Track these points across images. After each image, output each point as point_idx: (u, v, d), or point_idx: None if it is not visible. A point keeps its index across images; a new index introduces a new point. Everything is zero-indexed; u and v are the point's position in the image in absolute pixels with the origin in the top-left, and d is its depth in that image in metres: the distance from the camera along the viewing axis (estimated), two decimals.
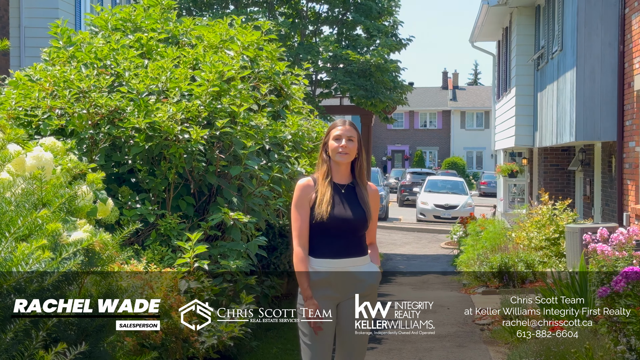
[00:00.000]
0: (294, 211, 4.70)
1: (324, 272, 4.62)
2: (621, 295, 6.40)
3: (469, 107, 62.60)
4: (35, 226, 2.88)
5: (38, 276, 2.77)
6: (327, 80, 18.95)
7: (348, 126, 4.79)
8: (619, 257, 7.50)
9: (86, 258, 3.12)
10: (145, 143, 7.07)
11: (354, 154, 4.75)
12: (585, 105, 13.15)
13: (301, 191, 4.72)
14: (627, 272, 6.34)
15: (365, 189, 4.80)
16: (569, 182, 17.93)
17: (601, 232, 8.00)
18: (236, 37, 8.47)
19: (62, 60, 7.86)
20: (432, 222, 28.44)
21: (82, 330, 3.05)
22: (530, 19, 18.23)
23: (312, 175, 4.86)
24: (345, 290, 4.65)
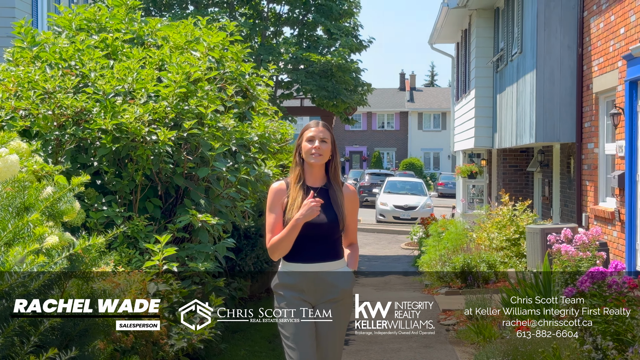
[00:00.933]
0: (268, 214, 4.66)
1: (296, 277, 4.58)
2: (587, 295, 6.49)
3: (426, 109, 63.01)
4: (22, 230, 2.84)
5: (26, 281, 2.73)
6: (288, 82, 18.95)
7: (321, 127, 4.75)
8: (583, 258, 7.60)
9: (69, 262, 3.09)
10: (112, 145, 7.00)
11: (327, 155, 4.71)
12: (545, 107, 13.31)
13: (274, 195, 4.69)
14: (592, 272, 6.43)
15: (341, 191, 4.74)
16: (527, 183, 18.13)
17: (565, 233, 8.10)
18: (202, 37, 8.43)
19: (26, 60, 7.75)
20: (392, 223, 28.57)
21: (65, 335, 3.02)
22: (489, 22, 18.41)
23: (285, 178, 4.82)
24: (317, 295, 4.61)
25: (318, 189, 4.70)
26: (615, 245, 10.90)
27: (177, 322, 6.33)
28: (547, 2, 13.28)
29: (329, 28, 18.69)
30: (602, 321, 6.33)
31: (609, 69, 11.56)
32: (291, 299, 4.60)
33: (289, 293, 4.60)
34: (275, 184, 4.75)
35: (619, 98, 10.94)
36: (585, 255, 7.64)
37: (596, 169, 12.25)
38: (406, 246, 21.71)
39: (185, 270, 6.86)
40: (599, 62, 12.07)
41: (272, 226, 4.61)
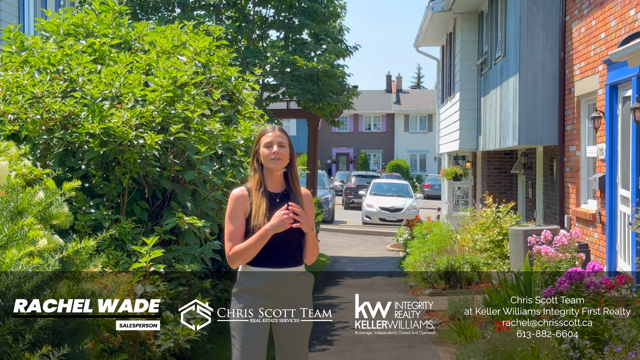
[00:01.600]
0: (228, 222, 4.58)
1: (261, 281, 4.56)
2: (565, 295, 6.64)
3: (412, 111, 63.25)
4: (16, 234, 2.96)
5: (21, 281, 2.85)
6: (274, 84, 19.07)
7: (278, 132, 4.72)
8: (562, 259, 7.75)
9: (60, 264, 3.21)
10: (99, 148, 7.11)
11: (286, 159, 4.68)
12: (527, 110, 13.49)
13: (235, 202, 4.62)
14: (570, 272, 6.58)
15: (300, 196, 4.71)
16: (511, 185, 18.32)
17: (545, 235, 8.26)
18: (188, 42, 8.55)
19: (15, 65, 7.85)
20: (378, 225, 28.73)
21: (57, 334, 3.14)
22: (473, 25, 18.59)
23: (245, 185, 4.74)
24: (281, 300, 4.59)
25: (279, 194, 4.69)
26: (597, 246, 11.08)
27: (164, 322, 6.44)
28: (530, 6, 13.46)
29: (315, 31, 18.81)
30: (580, 321, 6.48)
31: (590, 72, 11.75)
32: (251, 303, 4.56)
33: (250, 297, 4.56)
34: (236, 191, 4.66)
35: (600, 102, 11.12)
36: (565, 257, 7.80)
37: (578, 171, 12.43)
38: (392, 248, 21.87)
39: (172, 271, 6.98)
40: (581, 66, 12.26)
41: (232, 234, 4.54)
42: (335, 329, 8.91)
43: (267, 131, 4.74)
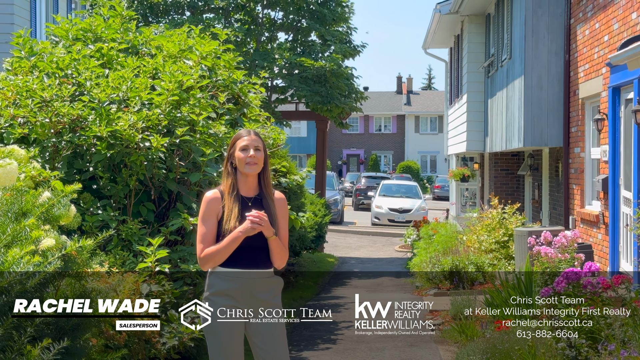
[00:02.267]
0: (200, 224, 4.60)
1: (231, 282, 4.58)
2: (562, 295, 6.76)
3: (423, 112, 63.32)
4: (20, 234, 3.11)
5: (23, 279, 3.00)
6: (283, 86, 19.22)
7: (254, 136, 4.72)
8: (562, 259, 7.87)
9: (62, 262, 3.36)
10: (107, 151, 7.28)
11: (262, 163, 4.69)
12: (532, 112, 13.60)
13: (208, 204, 4.63)
14: (567, 273, 6.71)
15: (272, 200, 4.73)
16: (518, 186, 18.42)
17: (545, 235, 8.38)
18: (194, 47, 8.70)
19: (25, 70, 8.03)
20: (387, 226, 28.86)
21: (59, 329, 3.29)
22: (480, 27, 18.70)
23: (218, 187, 4.75)
24: (250, 302, 4.62)
25: (252, 198, 4.71)
26: (600, 247, 11.18)
27: (169, 321, 6.60)
28: (535, 9, 13.57)
29: (323, 34, 18.96)
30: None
31: (594, 75, 11.85)
32: (222, 305, 4.59)
33: (221, 300, 4.60)
34: (209, 193, 4.69)
35: (603, 104, 11.22)
36: (564, 257, 7.92)
37: (582, 172, 12.53)
38: (400, 249, 21.99)
39: (178, 271, 7.14)
40: (585, 69, 12.36)
41: (205, 236, 4.57)
42: (339, 328, 9.06)
43: (242, 135, 4.74)
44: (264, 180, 4.76)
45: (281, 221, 4.76)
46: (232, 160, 4.74)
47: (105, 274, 6.55)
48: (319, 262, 18.21)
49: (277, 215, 4.72)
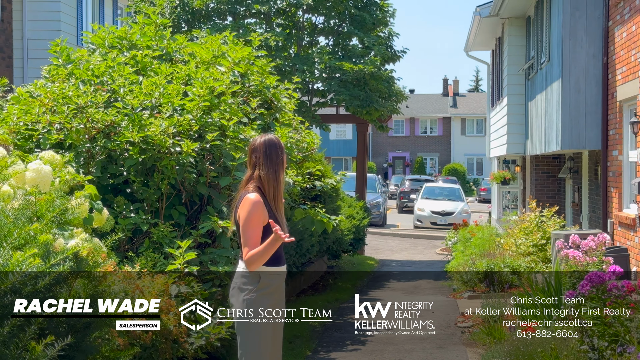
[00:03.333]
0: (257, 227, 4.73)
1: (277, 279, 4.88)
2: (586, 298, 6.79)
3: (469, 114, 63.02)
4: (29, 237, 3.29)
5: (32, 279, 3.19)
6: (323, 90, 19.36)
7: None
8: (590, 263, 7.89)
9: (74, 263, 3.53)
10: (139, 156, 7.48)
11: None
12: (570, 115, 13.56)
13: (261, 209, 4.79)
14: (591, 276, 6.73)
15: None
16: (559, 189, 18.32)
17: (573, 239, 8.39)
18: (227, 53, 8.88)
19: (61, 77, 8.28)
20: (429, 229, 28.84)
21: (71, 327, 3.46)
22: (521, 30, 18.64)
23: (254, 191, 4.88)
24: (281, 298, 4.94)
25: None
26: (637, 250, 11.12)
27: (197, 322, 6.77)
28: (573, 11, 13.53)
29: (363, 39, 19.06)
30: (601, 323, 6.64)
31: (631, 77, 11.79)
32: (271, 304, 4.84)
33: (270, 299, 4.84)
34: (256, 196, 4.82)
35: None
36: (592, 260, 7.93)
37: (620, 175, 12.47)
38: (441, 251, 21.99)
39: (207, 273, 7.31)
40: (622, 71, 12.29)
41: (253, 240, 4.73)
42: (369, 329, 9.14)
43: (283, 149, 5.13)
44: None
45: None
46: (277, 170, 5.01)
47: (136, 275, 6.75)
48: (358, 265, 18.31)
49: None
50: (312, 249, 12.11)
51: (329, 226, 9.20)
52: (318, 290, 14.00)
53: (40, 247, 3.30)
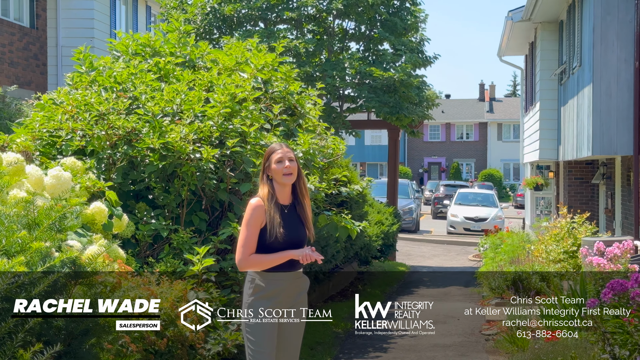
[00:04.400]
0: (245, 228, 4.91)
1: (278, 284, 4.93)
2: (608, 306, 6.68)
3: (505, 119, 62.55)
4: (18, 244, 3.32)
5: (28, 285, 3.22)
6: (353, 96, 19.34)
7: (286, 148, 5.07)
8: (614, 270, 7.77)
9: (72, 270, 3.55)
10: (159, 162, 7.53)
11: (296, 173, 5.05)
12: (601, 120, 13.39)
13: (254, 211, 4.94)
14: (613, 284, 6.62)
15: (308, 207, 5.12)
16: (593, 195, 18.10)
17: (597, 246, 8.28)
18: (250, 59, 8.91)
19: (84, 84, 8.36)
20: (462, 235, 28.65)
21: (69, 334, 3.48)
22: (553, 34, 18.47)
23: (258, 195, 5.06)
24: (287, 301, 4.99)
25: (287, 206, 5.06)
26: None
27: (214, 327, 6.79)
28: (604, 16, 13.37)
29: (394, 43, 19.01)
30: (623, 332, 6.53)
31: None
32: (267, 305, 4.92)
33: (266, 301, 4.92)
34: (254, 201, 4.99)
35: None
36: (617, 268, 7.81)
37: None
38: (474, 258, 21.83)
39: (226, 279, 7.32)
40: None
41: (247, 241, 4.89)
42: (392, 337, 9.11)
43: (275, 148, 5.10)
44: (299, 189, 5.12)
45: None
46: (267, 173, 5.09)
47: (155, 281, 6.78)
48: (388, 271, 18.23)
49: (310, 220, 5.12)
50: (338, 255, 12.08)
51: (352, 232, 9.16)
52: (346, 296, 13.97)
53: (35, 255, 3.32)
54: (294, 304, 5.02)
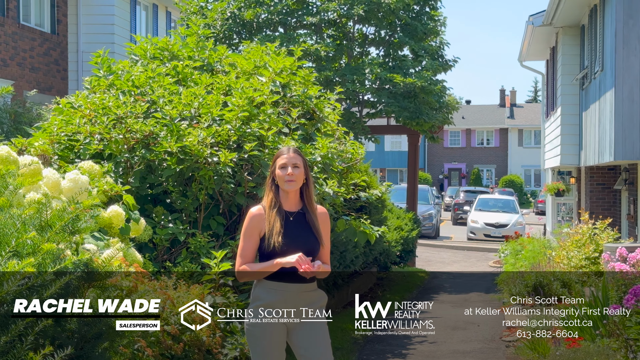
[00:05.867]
0: (242, 238, 4.76)
1: (276, 295, 4.71)
2: (631, 312, 6.59)
3: (526, 125, 62.25)
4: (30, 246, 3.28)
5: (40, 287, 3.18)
6: (373, 101, 19.28)
7: (292, 153, 4.85)
8: (638, 276, 7.67)
9: (85, 273, 3.51)
10: (176, 166, 7.49)
11: (301, 180, 4.82)
12: (624, 125, 13.25)
13: (251, 220, 4.78)
14: (635, 290, 6.53)
15: (315, 215, 4.86)
16: (615, 201, 17.93)
17: (620, 252, 8.17)
18: (268, 63, 8.87)
19: (102, 88, 8.35)
20: (482, 241, 28.49)
21: (82, 337, 3.44)
22: (575, 39, 18.33)
23: (262, 203, 4.88)
24: (294, 314, 4.74)
25: (294, 213, 4.83)
26: None
27: (231, 332, 6.74)
28: (626, 20, 13.24)
29: (414, 48, 18.94)
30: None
31: None
32: (266, 317, 4.73)
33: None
34: (254, 209, 4.82)
35: None
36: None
37: None
38: (494, 264, 21.68)
39: (244, 284, 7.27)
40: None
41: (244, 251, 4.73)
42: (412, 342, 9.03)
43: (282, 153, 4.89)
44: (306, 196, 4.89)
45: (324, 235, 4.89)
46: (273, 177, 4.90)
47: (172, 285, 6.74)
48: (408, 277, 18.13)
49: (320, 229, 4.85)
50: (357, 261, 12.01)
51: (371, 237, 9.10)
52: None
53: (46, 256, 3.28)
54: (302, 316, 4.76)
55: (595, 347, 7.22)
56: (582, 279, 12.84)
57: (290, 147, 4.95)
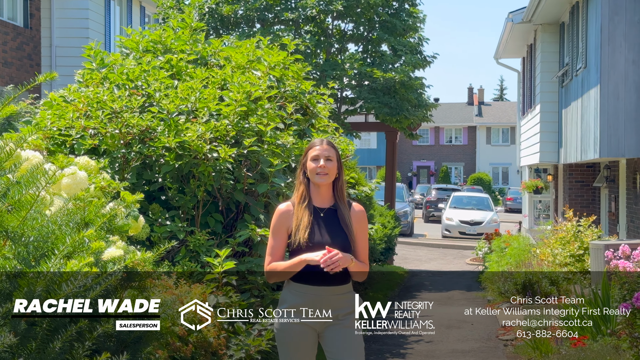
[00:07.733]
0: (270, 237, 4.57)
1: (304, 297, 4.49)
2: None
3: (494, 123, 62.58)
4: (80, 244, 3.08)
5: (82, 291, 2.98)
6: (352, 98, 19.14)
7: (326, 145, 4.60)
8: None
9: (125, 274, 3.32)
10: (175, 162, 7.28)
11: (333, 174, 4.56)
12: (609, 122, 13.23)
13: (279, 217, 4.56)
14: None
15: (348, 211, 4.57)
16: (594, 198, 17.97)
17: (623, 249, 8.10)
18: (263, 57, 8.68)
19: (95, 81, 8.10)
20: (458, 238, 28.51)
21: (121, 342, 3.24)
22: (554, 36, 18.33)
23: (291, 199, 4.67)
24: (321, 318, 4.51)
25: (325, 209, 4.58)
26: None
27: (236, 333, 6.55)
28: (611, 17, 13.21)
29: (393, 44, 18.83)
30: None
31: None
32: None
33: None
34: (282, 206, 4.61)
35: None
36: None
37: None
38: (471, 261, 21.67)
39: (245, 283, 7.08)
40: None
41: (273, 249, 4.51)
42: (408, 342, 8.90)
43: (315, 144, 4.64)
44: (337, 191, 4.62)
45: (359, 235, 4.61)
46: (305, 170, 4.63)
47: (173, 285, 6.54)
48: (388, 275, 18.03)
49: (354, 227, 4.58)
50: None
51: None
52: None
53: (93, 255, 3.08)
54: (335, 318, 4.52)
55: (599, 346, 7.13)
56: (567, 276, 12.81)
57: (324, 139, 4.68)
